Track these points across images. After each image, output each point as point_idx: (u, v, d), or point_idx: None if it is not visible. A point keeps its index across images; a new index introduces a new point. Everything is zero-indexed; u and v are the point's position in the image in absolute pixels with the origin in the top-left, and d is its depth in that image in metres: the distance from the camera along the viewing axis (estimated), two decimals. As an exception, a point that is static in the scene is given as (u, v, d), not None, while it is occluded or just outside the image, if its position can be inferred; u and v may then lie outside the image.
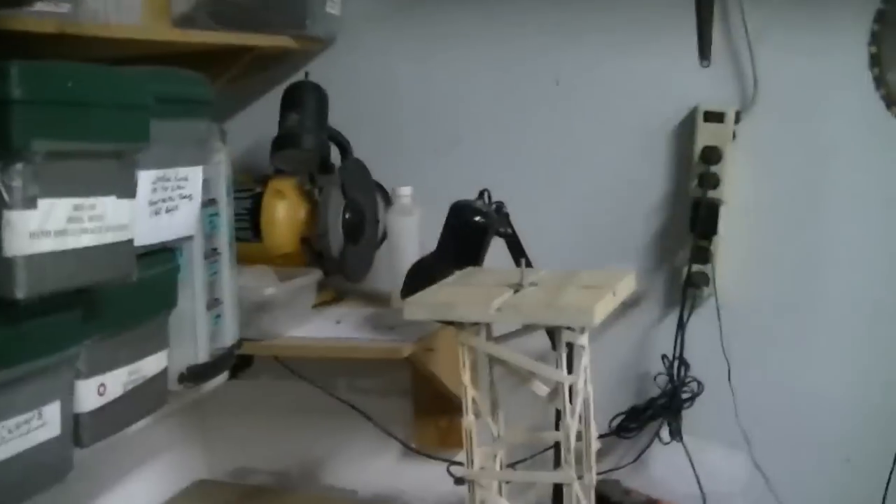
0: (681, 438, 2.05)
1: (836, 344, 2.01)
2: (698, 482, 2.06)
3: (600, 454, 2.08)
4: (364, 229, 2.03)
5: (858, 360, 2.01)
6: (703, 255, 1.97)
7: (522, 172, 2.12)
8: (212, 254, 1.63)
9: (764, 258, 2.02)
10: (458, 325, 1.28)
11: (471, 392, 1.29)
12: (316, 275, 1.93)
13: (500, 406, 1.42)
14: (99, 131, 1.14)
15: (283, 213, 2.00)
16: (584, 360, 1.33)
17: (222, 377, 1.82)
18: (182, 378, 1.59)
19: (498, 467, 1.41)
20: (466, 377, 1.29)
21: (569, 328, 1.26)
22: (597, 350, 2.00)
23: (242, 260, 1.81)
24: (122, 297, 1.32)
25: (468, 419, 1.30)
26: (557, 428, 1.28)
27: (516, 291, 1.28)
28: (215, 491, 2.44)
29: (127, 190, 1.21)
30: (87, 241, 1.14)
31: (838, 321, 2.00)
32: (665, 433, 2.06)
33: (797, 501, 2.06)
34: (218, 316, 1.66)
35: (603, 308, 1.21)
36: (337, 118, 2.08)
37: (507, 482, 1.44)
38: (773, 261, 2.02)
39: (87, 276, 1.16)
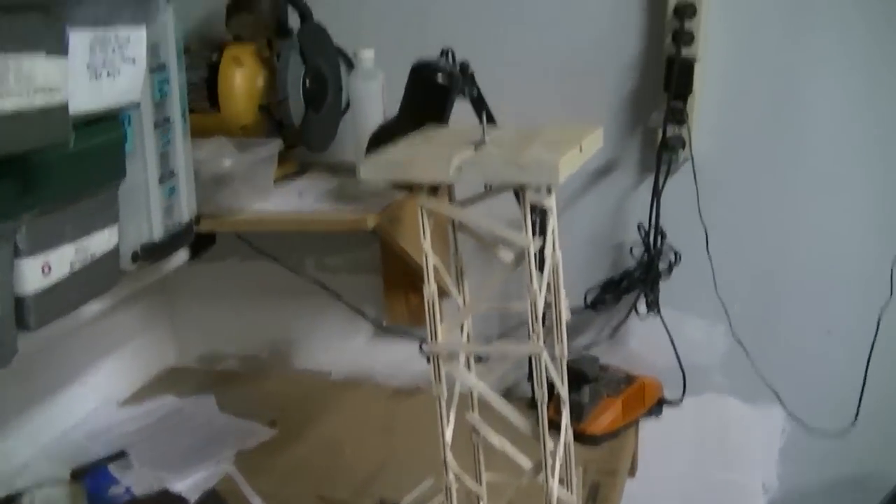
0: (658, 311, 2.02)
1: (816, 212, 1.96)
2: (677, 355, 2.03)
3: (576, 330, 2.08)
4: (326, 96, 1.96)
5: (839, 228, 1.97)
6: (678, 116, 1.90)
7: (490, 32, 2.04)
8: (163, 123, 1.56)
9: (741, 119, 1.95)
10: (417, 188, 1.21)
11: (432, 259, 1.23)
12: (276, 145, 1.85)
13: (465, 275, 1.36)
14: (17, -20, 1.06)
15: (241, 80, 1.92)
16: (551, 224, 1.26)
17: (181, 256, 1.78)
18: (136, 256, 1.53)
19: (465, 340, 1.35)
20: (426, 243, 1.22)
21: (535, 190, 1.20)
22: (570, 220, 1.98)
23: (200, 132, 1.76)
24: (62, 167, 1.26)
25: (430, 288, 1.23)
26: (531, 299, 1.22)
27: (477, 149, 1.21)
28: (186, 378, 2.43)
29: (56, 48, 1.13)
30: (13, 104, 1.06)
31: (818, 186, 1.95)
32: (642, 306, 2.02)
33: (778, 374, 2.05)
34: (172, 188, 1.60)
35: (568, 164, 1.13)
36: (294, -19, 1.99)
37: (476, 357, 1.38)
38: (751, 122, 1.95)
39: (16, 141, 1.09)
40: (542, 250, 1.26)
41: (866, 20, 1.85)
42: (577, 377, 1.93)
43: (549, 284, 1.27)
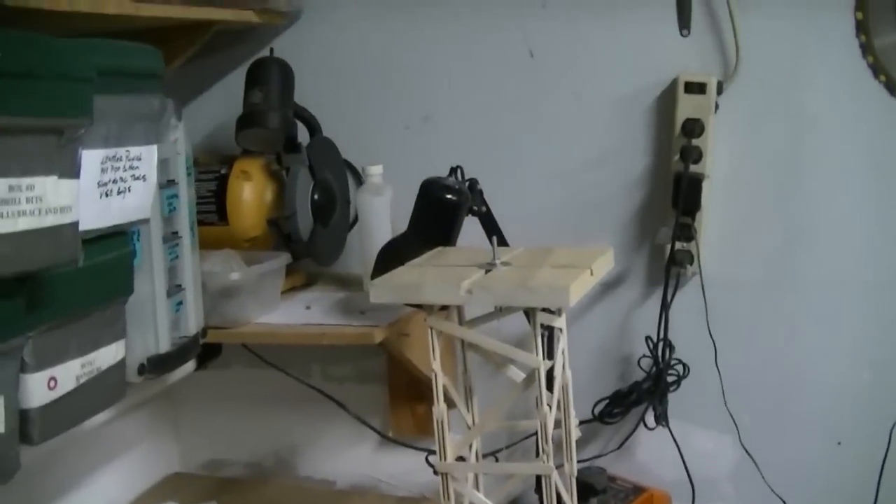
0: (667, 423, 1.99)
1: (824, 322, 1.96)
2: (686, 468, 2.00)
3: (583, 441, 2.05)
4: (334, 210, 1.98)
5: (847, 339, 1.95)
6: (686, 232, 1.91)
7: (497, 148, 2.06)
8: (171, 237, 1.57)
9: (749, 234, 1.96)
10: (427, 308, 1.21)
11: (441, 379, 1.22)
12: (284, 258, 1.87)
13: (474, 393, 1.35)
14: (35, 105, 1.07)
15: (250, 194, 1.93)
16: (561, 344, 1.26)
17: (188, 367, 1.77)
18: (142, 369, 1.52)
19: (474, 458, 1.35)
20: (436, 364, 1.22)
21: (545, 310, 1.20)
22: (578, 332, 1.96)
23: (208, 244, 1.77)
24: (70, 284, 1.26)
25: (439, 408, 1.23)
26: (537, 416, 1.22)
27: (488, 271, 1.21)
28: (189, 484, 2.39)
29: (69, 169, 1.14)
30: (24, 224, 1.06)
31: (826, 299, 1.95)
32: (650, 418, 2.00)
33: (788, 486, 2.01)
34: (180, 303, 1.60)
35: (579, 287, 1.14)
36: (304, 96, 2.02)
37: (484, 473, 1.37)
38: (758, 237, 1.96)
39: (25, 261, 1.09)
40: (551, 368, 1.25)
41: (873, 136, 1.87)
42: (585, 489, 1.90)
43: (558, 402, 1.27)
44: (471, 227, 1.70)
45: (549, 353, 1.26)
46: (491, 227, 1.73)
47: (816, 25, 1.85)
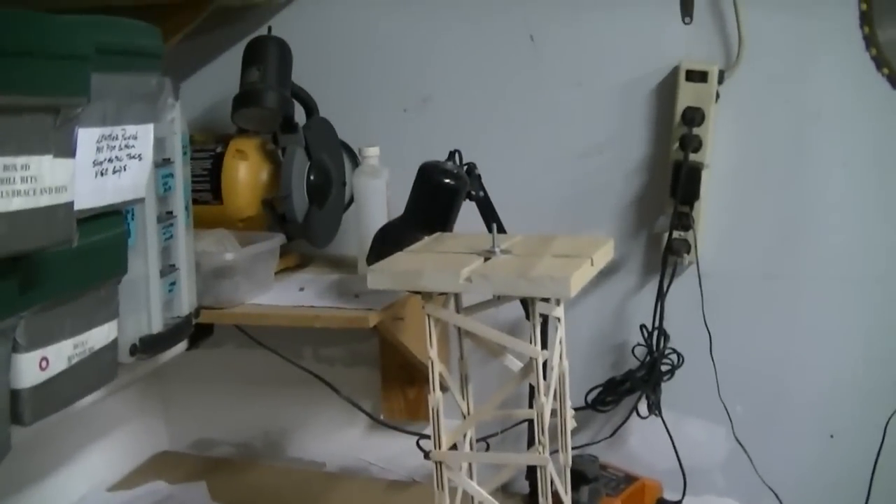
0: (660, 412, 1.99)
1: (820, 315, 1.95)
2: (678, 457, 2.00)
3: (577, 428, 2.04)
4: (329, 192, 1.96)
5: (843, 333, 1.95)
6: (684, 221, 1.90)
7: (496, 133, 2.05)
8: (166, 217, 1.55)
9: (747, 225, 1.95)
10: (425, 296, 1.19)
11: (437, 367, 1.21)
12: (279, 239, 1.85)
13: (469, 381, 1.34)
14: (30, 83, 1.04)
15: (245, 174, 1.92)
16: (559, 333, 1.25)
17: (179, 347, 1.76)
18: (134, 350, 1.51)
19: (468, 446, 1.34)
20: (433, 351, 1.21)
21: (543, 299, 1.18)
22: (573, 319, 1.94)
23: (202, 224, 1.75)
24: (63, 263, 1.24)
25: (435, 396, 1.22)
26: (531, 404, 1.21)
27: (487, 259, 1.20)
28: (178, 463, 2.39)
29: (65, 148, 1.12)
30: (18, 203, 1.05)
31: (823, 291, 1.94)
32: (643, 407, 2.00)
33: (780, 478, 2.01)
34: (173, 283, 1.58)
35: (580, 278, 1.12)
36: (301, 75, 2.00)
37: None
38: (756, 228, 1.95)
39: (20, 242, 1.07)
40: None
41: (875, 129, 1.86)
42: (577, 477, 1.90)
43: (554, 392, 1.26)
44: (468, 212, 1.69)
45: (544, 342, 1.25)
46: (488, 213, 1.72)
47: (820, 16, 1.84)
